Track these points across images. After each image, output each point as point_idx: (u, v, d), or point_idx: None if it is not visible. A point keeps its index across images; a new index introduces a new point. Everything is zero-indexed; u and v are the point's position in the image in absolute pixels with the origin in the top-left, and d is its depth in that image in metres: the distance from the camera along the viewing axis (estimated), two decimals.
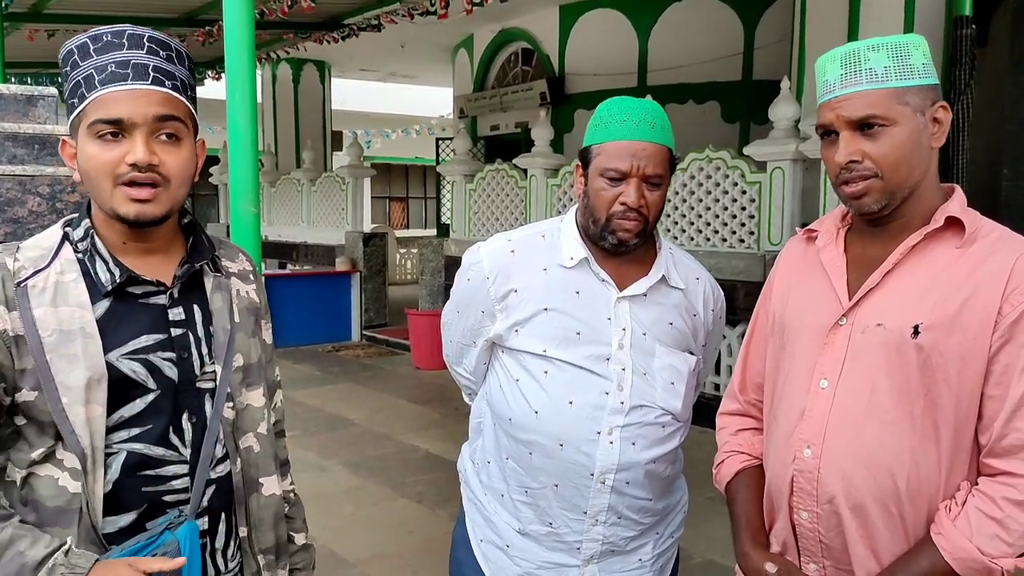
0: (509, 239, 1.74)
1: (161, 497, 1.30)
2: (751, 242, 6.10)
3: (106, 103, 1.22)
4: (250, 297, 1.46)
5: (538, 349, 1.65)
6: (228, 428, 1.37)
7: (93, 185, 1.26)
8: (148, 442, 1.28)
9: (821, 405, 1.38)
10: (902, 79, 1.31)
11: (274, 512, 1.45)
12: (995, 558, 1.24)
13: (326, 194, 11.35)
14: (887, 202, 1.34)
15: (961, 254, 1.32)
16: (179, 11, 9.10)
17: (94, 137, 1.23)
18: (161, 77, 1.26)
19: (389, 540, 4.19)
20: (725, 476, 1.61)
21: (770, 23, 8.77)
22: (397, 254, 16.32)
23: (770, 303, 1.58)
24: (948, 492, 1.32)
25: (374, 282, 10.63)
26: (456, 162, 8.97)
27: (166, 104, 1.25)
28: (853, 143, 1.33)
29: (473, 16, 8.65)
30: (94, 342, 1.23)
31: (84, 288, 1.26)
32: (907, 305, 1.32)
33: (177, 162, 1.27)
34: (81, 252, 1.29)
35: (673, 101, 8.47)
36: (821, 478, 1.37)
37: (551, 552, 1.69)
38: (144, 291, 1.31)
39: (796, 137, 5.76)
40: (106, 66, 1.24)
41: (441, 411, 6.79)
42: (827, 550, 1.40)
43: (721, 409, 1.70)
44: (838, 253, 1.45)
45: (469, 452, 1.89)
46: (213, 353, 1.35)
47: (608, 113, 1.64)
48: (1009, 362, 1.26)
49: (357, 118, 18.05)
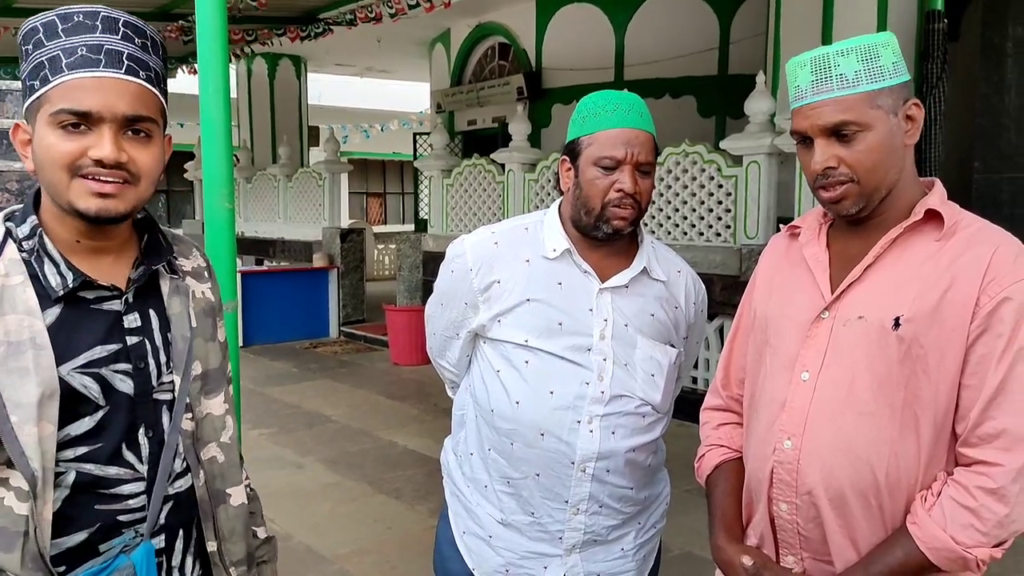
0: (493, 231, 1.76)
1: (115, 516, 1.20)
2: (727, 236, 6.14)
3: (73, 90, 1.11)
4: (206, 297, 1.35)
5: (520, 339, 1.66)
6: (188, 440, 1.29)
7: (48, 176, 1.14)
8: (99, 461, 1.18)
9: (802, 397, 1.39)
10: (873, 82, 1.31)
11: (244, 522, 1.38)
12: (969, 547, 1.25)
13: (303, 190, 11.28)
14: (864, 204, 1.35)
15: (940, 247, 1.33)
16: (152, 5, 8.99)
17: (55, 126, 1.12)
18: (135, 67, 1.15)
19: (368, 536, 4.18)
20: (705, 469, 1.62)
21: (745, 18, 8.81)
22: (375, 250, 16.25)
23: (753, 299, 1.59)
24: (926, 483, 1.33)
25: (352, 278, 10.58)
26: (433, 157, 8.94)
27: (138, 99, 1.15)
28: (828, 150, 1.34)
29: (450, 11, 8.62)
30: (46, 354, 1.12)
31: (33, 293, 1.14)
32: (888, 298, 1.33)
33: (147, 159, 1.17)
34: (27, 252, 1.16)
35: (650, 95, 8.48)
36: (801, 469, 1.37)
37: (534, 542, 1.70)
38: (97, 296, 1.20)
39: (771, 131, 5.79)
40: (76, 48, 1.12)
41: (419, 407, 6.76)
42: (805, 541, 1.41)
43: (704, 404, 1.71)
44: (821, 248, 1.46)
45: (452, 445, 1.89)
46: (172, 362, 1.26)
47: (595, 104, 1.65)
48: (986, 352, 1.27)
49: (334, 113, 17.96)
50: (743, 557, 1.42)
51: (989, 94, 4.40)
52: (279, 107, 13.02)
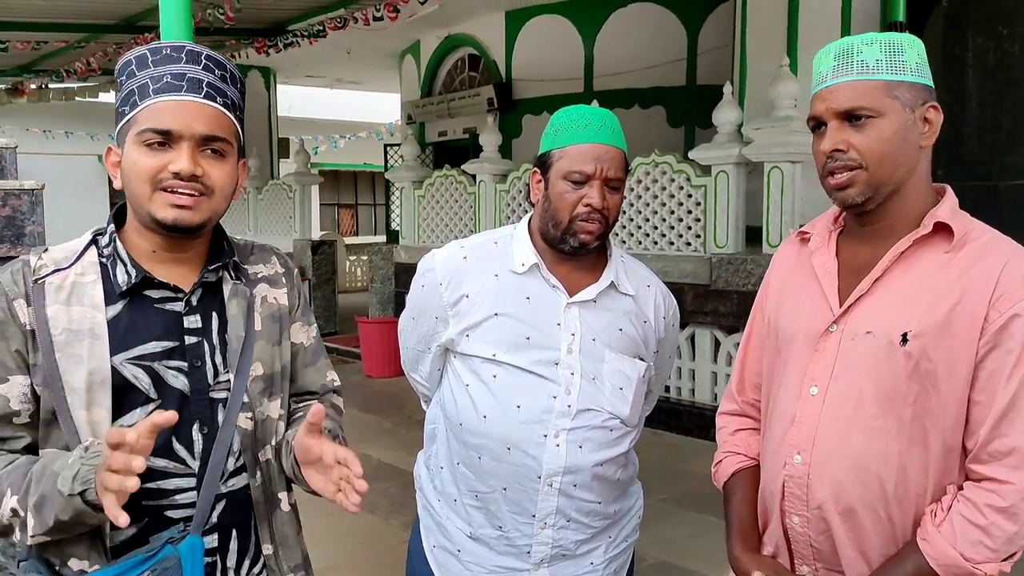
0: (462, 246, 1.76)
1: (164, 512, 1.26)
2: (698, 245, 6.18)
3: (158, 112, 1.24)
4: (278, 303, 1.43)
5: (488, 353, 1.65)
6: (247, 440, 1.34)
7: (133, 189, 1.26)
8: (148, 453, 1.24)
9: (811, 412, 1.38)
10: (893, 74, 1.31)
11: (295, 527, 1.43)
12: (978, 564, 1.25)
13: (273, 202, 11.21)
14: (871, 195, 1.33)
15: (950, 259, 1.31)
16: (118, 16, 8.90)
17: (141, 144, 1.24)
18: (213, 93, 1.28)
19: (341, 551, 4.14)
20: (722, 476, 1.61)
21: (712, 29, 8.92)
22: (347, 261, 16.17)
23: (766, 305, 1.58)
24: (935, 495, 1.33)
25: (324, 290, 10.52)
26: (404, 168, 8.92)
27: (214, 121, 1.27)
28: (840, 133, 1.33)
29: (419, 22, 8.64)
30: (101, 343, 1.22)
31: (101, 290, 1.26)
32: (896, 312, 1.32)
33: (220, 174, 1.28)
34: (104, 256, 1.29)
35: (619, 106, 8.55)
36: (811, 484, 1.37)
37: (502, 556, 1.70)
38: (162, 296, 1.29)
39: (739, 141, 5.85)
40: (162, 76, 1.25)
41: (393, 419, 6.71)
42: (818, 553, 1.40)
43: (720, 409, 1.70)
44: (830, 258, 1.44)
45: (424, 458, 1.88)
46: (227, 361, 1.32)
47: (568, 119, 1.66)
48: (995, 368, 1.26)
49: (304, 124, 17.88)
50: (756, 573, 1.41)
51: (950, 103, 4.49)
52: (249, 119, 12.68)
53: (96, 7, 8.51)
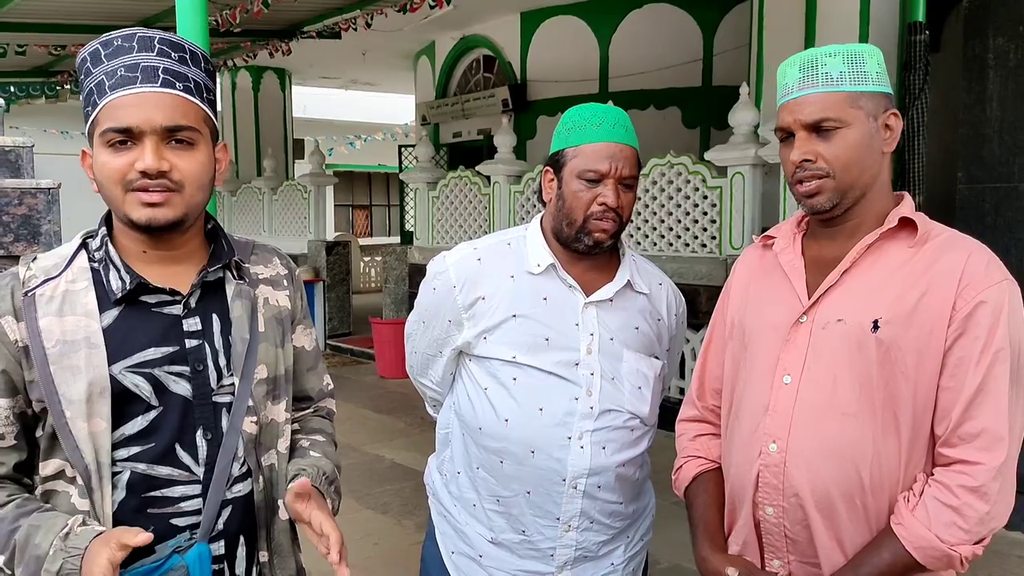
0: (475, 247, 1.74)
1: (169, 520, 1.23)
2: (713, 247, 6.15)
3: (116, 109, 1.19)
4: (280, 305, 1.39)
5: (507, 356, 1.64)
6: (251, 444, 1.30)
7: (107, 193, 1.22)
8: (150, 461, 1.22)
9: (785, 400, 1.41)
10: (856, 84, 1.37)
11: (290, 536, 1.39)
12: (954, 545, 1.29)
13: (288, 202, 11.24)
14: (838, 201, 1.39)
15: (914, 253, 1.37)
16: (134, 18, 8.96)
17: (106, 145, 1.20)
18: (171, 79, 1.21)
19: (354, 552, 4.14)
20: (683, 481, 1.64)
21: (728, 30, 8.87)
22: (361, 262, 16.21)
23: (728, 309, 1.62)
24: (907, 483, 1.36)
25: (338, 291, 10.54)
26: (419, 169, 8.93)
27: (175, 109, 1.20)
28: (808, 143, 1.38)
29: (434, 23, 8.64)
30: (98, 353, 1.18)
31: (93, 297, 1.22)
32: (865, 301, 1.37)
33: (190, 166, 1.22)
34: (96, 261, 1.25)
35: (634, 107, 8.53)
36: (787, 471, 1.39)
37: (524, 560, 1.69)
38: (158, 300, 1.25)
39: (756, 142, 5.82)
40: (116, 70, 1.20)
41: (406, 420, 6.74)
42: (792, 544, 1.42)
43: (680, 416, 1.72)
44: (796, 255, 1.49)
45: (436, 464, 1.87)
46: (231, 365, 1.28)
47: (580, 117, 1.66)
48: (963, 355, 1.31)
49: (319, 126, 17.93)
50: (728, 568, 1.44)
51: (971, 105, 4.43)
52: (264, 120, 12.99)
53: (115, 9, 8.57)
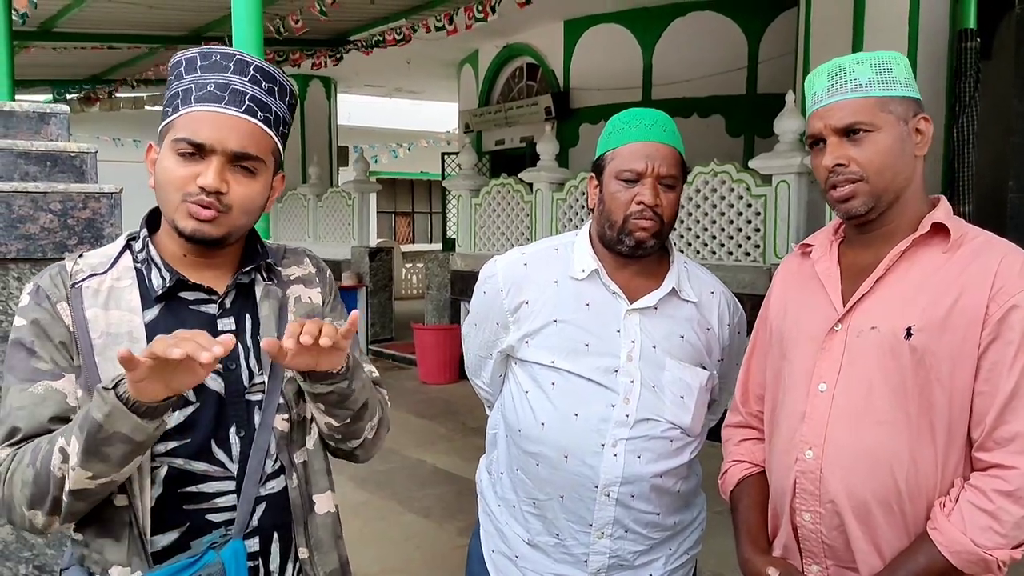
0: (523, 252, 1.77)
1: (204, 516, 1.26)
2: (756, 255, 6.10)
3: (194, 121, 1.23)
4: (313, 302, 1.42)
5: (546, 360, 1.66)
6: (283, 441, 1.33)
7: (163, 195, 1.26)
8: (187, 456, 1.25)
9: (821, 407, 1.42)
10: (885, 90, 1.38)
11: (332, 531, 1.40)
12: (990, 549, 1.29)
13: (332, 209, 11.38)
14: (873, 205, 1.40)
15: (948, 258, 1.37)
16: (187, 28, 9.17)
17: (175, 152, 1.24)
18: (255, 107, 1.26)
19: (396, 555, 4.18)
20: (728, 484, 1.65)
21: (774, 37, 8.79)
22: (403, 269, 16.34)
23: (769, 316, 1.63)
24: (944, 489, 1.36)
25: (380, 297, 10.64)
26: (462, 177, 8.99)
27: (249, 137, 1.25)
28: (839, 148, 1.40)
29: (478, 32, 8.70)
30: (139, 347, 1.20)
31: (137, 294, 1.27)
32: (899, 309, 1.37)
33: (245, 193, 1.26)
34: (139, 261, 1.31)
35: (678, 115, 8.45)
36: (823, 478, 1.40)
37: (559, 564, 1.69)
38: (196, 298, 1.30)
39: (801, 150, 5.76)
40: (206, 84, 1.25)
41: (448, 426, 6.76)
42: (829, 550, 1.42)
43: (725, 422, 1.73)
44: (832, 263, 1.50)
45: (486, 463, 1.90)
46: (261, 363, 1.32)
47: (620, 121, 1.68)
48: (997, 359, 1.31)
49: (363, 133, 18.12)
50: (769, 569, 1.45)
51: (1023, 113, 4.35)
52: (309, 127, 13.18)
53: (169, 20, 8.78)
